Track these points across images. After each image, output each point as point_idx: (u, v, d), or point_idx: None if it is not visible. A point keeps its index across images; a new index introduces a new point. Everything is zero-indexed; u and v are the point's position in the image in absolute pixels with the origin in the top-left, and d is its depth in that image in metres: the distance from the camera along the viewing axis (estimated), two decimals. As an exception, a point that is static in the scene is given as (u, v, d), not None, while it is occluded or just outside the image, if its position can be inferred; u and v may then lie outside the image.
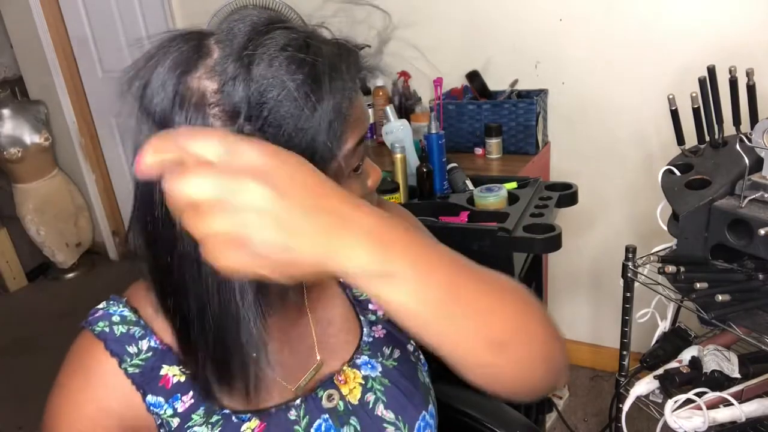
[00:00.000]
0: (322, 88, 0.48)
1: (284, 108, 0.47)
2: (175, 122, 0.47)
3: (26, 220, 3.13)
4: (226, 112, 0.47)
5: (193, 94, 0.47)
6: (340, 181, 0.53)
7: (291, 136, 0.48)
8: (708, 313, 1.05)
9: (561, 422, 1.91)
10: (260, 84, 0.46)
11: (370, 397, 0.67)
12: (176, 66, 0.47)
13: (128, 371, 0.59)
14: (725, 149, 1.24)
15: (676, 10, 1.64)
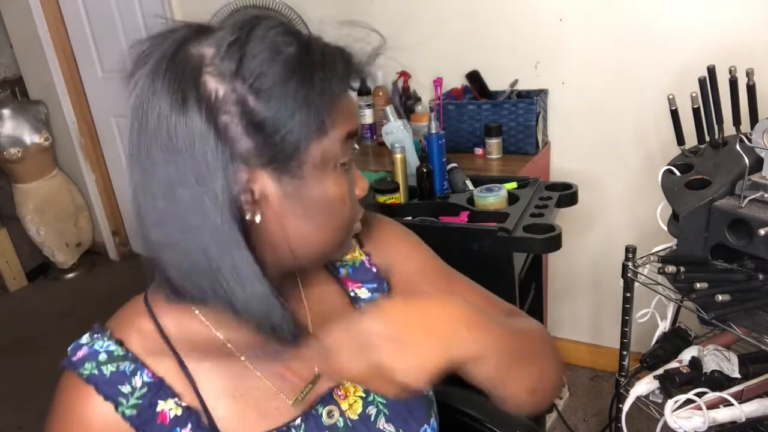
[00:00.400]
0: (315, 59, 0.52)
1: (275, 72, 0.50)
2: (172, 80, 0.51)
3: (26, 220, 3.13)
4: (220, 72, 0.51)
5: (193, 56, 0.51)
6: (328, 167, 0.55)
7: (282, 100, 0.50)
8: (708, 313, 1.05)
9: (561, 422, 1.91)
10: (255, 49, 0.50)
11: (372, 411, 0.66)
12: (180, 39, 0.52)
13: (126, 414, 0.57)
14: (725, 149, 1.24)
15: (676, 10, 1.64)
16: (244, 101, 0.50)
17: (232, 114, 0.51)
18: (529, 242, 1.27)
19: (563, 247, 1.28)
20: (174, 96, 0.50)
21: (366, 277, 0.74)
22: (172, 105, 0.50)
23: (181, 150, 0.50)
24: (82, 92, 3.18)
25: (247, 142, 0.51)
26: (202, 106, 0.50)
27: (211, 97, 0.50)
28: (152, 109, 0.51)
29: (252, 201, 0.53)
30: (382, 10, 2.05)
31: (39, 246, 3.19)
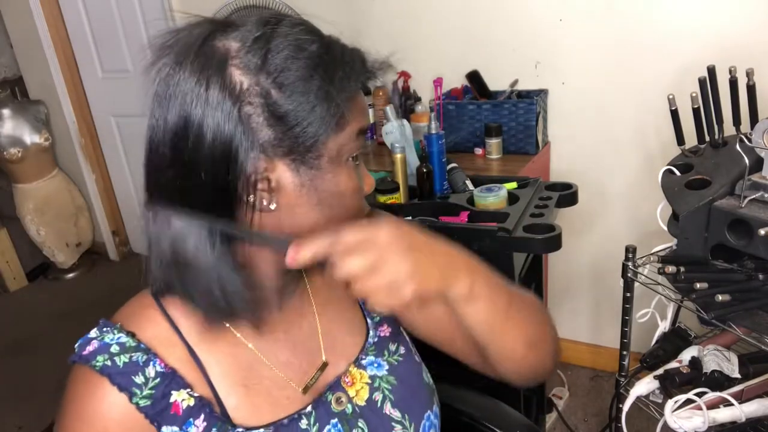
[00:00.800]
0: (332, 58, 0.55)
1: (298, 67, 0.53)
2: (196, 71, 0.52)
3: (26, 220, 3.13)
4: (246, 65, 0.53)
5: (219, 50, 0.53)
6: (342, 160, 0.58)
7: (303, 94, 0.53)
8: (708, 313, 1.05)
9: (561, 422, 1.91)
10: (279, 44, 0.53)
11: (378, 396, 0.68)
12: (205, 31, 0.54)
13: (140, 405, 0.57)
14: (725, 149, 1.24)
15: (676, 10, 1.64)
16: (267, 94, 0.53)
17: (255, 105, 0.53)
18: (529, 242, 1.27)
19: (563, 247, 1.28)
20: (199, 84, 0.52)
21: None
22: (196, 93, 0.52)
23: (205, 133, 0.52)
24: (82, 92, 3.17)
25: (268, 132, 0.53)
26: (226, 95, 0.52)
27: (236, 88, 0.52)
28: (175, 96, 0.53)
29: (268, 189, 0.55)
30: (383, 10, 2.05)
31: (39, 246, 3.19)
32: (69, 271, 3.29)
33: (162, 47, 0.54)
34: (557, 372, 2.13)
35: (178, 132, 0.53)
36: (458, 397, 0.93)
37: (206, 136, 0.52)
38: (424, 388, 0.73)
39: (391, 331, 0.75)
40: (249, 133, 0.52)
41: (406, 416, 0.68)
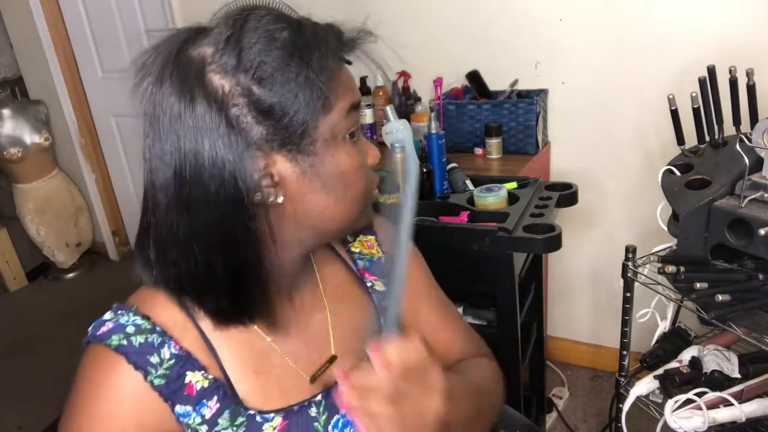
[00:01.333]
0: (307, 41, 0.54)
1: (273, 59, 0.53)
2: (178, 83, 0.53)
3: (26, 220, 3.13)
4: (222, 68, 0.53)
5: (195, 58, 0.53)
6: (338, 140, 0.58)
7: (284, 84, 0.53)
8: (708, 313, 1.05)
9: (561, 422, 1.91)
10: (251, 40, 0.53)
11: None
12: (179, 42, 0.54)
13: (155, 384, 0.57)
14: (725, 149, 1.24)
15: (676, 10, 1.64)
16: (249, 91, 0.53)
17: (241, 105, 0.53)
18: (529, 242, 1.27)
19: (563, 247, 1.28)
20: (182, 97, 0.52)
21: (382, 273, 0.78)
22: (181, 106, 0.52)
23: (197, 144, 0.53)
24: (82, 92, 3.17)
25: (259, 129, 0.54)
26: (211, 103, 0.52)
27: (218, 93, 0.52)
28: (163, 113, 0.53)
29: (272, 184, 0.56)
30: (382, 10, 2.05)
31: (39, 246, 3.19)
32: (69, 271, 3.29)
33: (143, 66, 0.55)
34: (557, 372, 2.14)
35: (173, 150, 0.53)
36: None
37: (202, 148, 0.52)
38: None
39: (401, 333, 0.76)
40: (241, 134, 0.53)
41: None
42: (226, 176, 0.53)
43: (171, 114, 0.53)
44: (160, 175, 0.55)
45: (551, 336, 2.21)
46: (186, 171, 0.53)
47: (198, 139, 0.52)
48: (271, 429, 0.61)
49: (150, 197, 0.56)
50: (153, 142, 0.54)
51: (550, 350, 2.20)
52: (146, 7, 2.71)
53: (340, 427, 0.65)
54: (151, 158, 0.55)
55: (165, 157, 0.54)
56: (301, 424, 0.63)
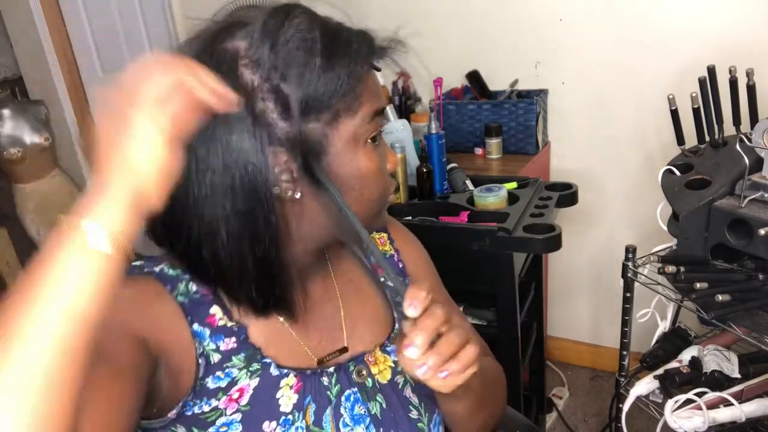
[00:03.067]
0: (339, 44, 0.56)
1: (303, 59, 0.53)
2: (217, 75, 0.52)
3: (26, 220, 3.12)
4: (254, 63, 0.54)
5: (228, 51, 0.54)
6: (360, 143, 0.59)
7: (312, 83, 0.54)
8: (708, 313, 1.05)
9: (561, 422, 1.91)
10: (285, 37, 0.54)
11: (399, 379, 0.70)
12: (213, 33, 0.56)
13: (178, 299, 0.60)
14: (725, 149, 1.24)
15: (676, 10, 1.64)
16: (277, 88, 0.54)
17: (268, 100, 0.54)
18: (529, 242, 1.27)
19: (563, 247, 1.28)
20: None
21: (393, 269, 0.78)
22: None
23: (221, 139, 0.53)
24: (82, 92, 3.17)
25: (284, 125, 0.54)
26: (241, 95, 0.52)
27: (248, 86, 0.53)
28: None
29: (292, 179, 0.56)
30: (382, 9, 2.05)
31: (39, 246, 3.18)
32: (69, 271, 3.29)
33: (179, 55, 0.54)
34: (557, 372, 2.14)
35: (203, 138, 0.53)
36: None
37: (229, 138, 0.53)
38: None
39: None
40: (266, 128, 0.54)
41: (423, 404, 0.70)
42: (249, 168, 0.53)
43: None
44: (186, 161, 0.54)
45: (551, 336, 2.21)
46: (210, 158, 0.54)
47: (226, 129, 0.53)
48: (288, 387, 0.62)
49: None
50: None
51: (550, 350, 2.20)
52: (146, 7, 2.71)
53: (353, 401, 0.66)
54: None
55: (191, 143, 0.53)
56: (315, 388, 0.64)
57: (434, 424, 0.71)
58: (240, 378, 0.60)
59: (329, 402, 0.64)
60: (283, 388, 0.62)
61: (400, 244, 0.82)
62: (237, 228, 0.55)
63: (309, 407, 0.63)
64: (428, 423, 0.70)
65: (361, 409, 0.66)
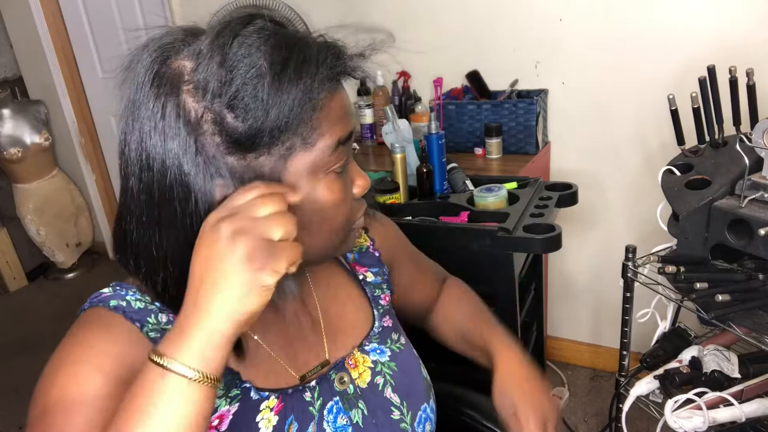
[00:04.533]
0: (291, 68, 0.49)
1: (250, 87, 0.49)
2: (152, 97, 0.50)
3: (26, 220, 3.12)
4: (196, 89, 0.50)
5: (172, 73, 0.51)
6: (319, 176, 0.54)
7: (259, 116, 0.49)
8: (708, 313, 1.05)
9: (561, 422, 1.91)
10: (231, 62, 0.49)
11: (380, 380, 0.70)
12: (161, 47, 0.52)
13: (150, 335, 0.57)
14: (725, 149, 1.24)
15: (676, 10, 1.64)
16: (221, 119, 0.50)
17: (211, 133, 0.50)
18: (529, 242, 1.27)
19: (563, 247, 1.28)
20: (156, 111, 0.50)
21: (370, 262, 0.79)
22: (155, 120, 0.50)
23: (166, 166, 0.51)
24: (82, 92, 3.17)
25: (230, 159, 0.51)
26: (180, 126, 0.50)
27: (191, 115, 0.50)
28: (137, 121, 0.52)
29: None
30: (382, 10, 2.05)
31: (39, 246, 3.19)
32: (69, 271, 3.29)
33: (127, 67, 0.53)
34: (557, 372, 2.14)
35: (144, 164, 0.52)
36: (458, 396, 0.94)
37: (170, 167, 0.50)
38: (422, 380, 0.75)
39: (393, 323, 0.77)
40: (210, 161, 0.50)
41: (405, 403, 0.70)
42: (192, 199, 0.51)
43: (143, 124, 0.51)
44: (132, 185, 0.53)
45: (551, 336, 2.21)
46: (154, 189, 0.51)
47: (166, 157, 0.50)
48: (268, 410, 0.61)
49: (125, 204, 0.55)
50: (127, 146, 0.53)
51: (550, 350, 2.20)
52: (146, 7, 2.71)
53: (335, 412, 0.65)
54: (123, 164, 0.54)
55: (135, 167, 0.52)
56: (297, 407, 0.63)
57: (419, 422, 0.71)
58: (220, 405, 0.59)
59: (312, 418, 0.63)
60: (263, 411, 0.60)
61: (374, 233, 0.82)
62: (182, 262, 0.51)
63: (291, 427, 0.61)
64: (411, 422, 0.70)
65: (344, 419, 0.65)
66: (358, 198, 0.61)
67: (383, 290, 0.79)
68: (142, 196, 0.52)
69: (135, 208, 0.53)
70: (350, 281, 0.77)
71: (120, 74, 0.53)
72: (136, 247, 0.55)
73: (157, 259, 0.53)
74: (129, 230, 0.54)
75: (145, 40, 0.53)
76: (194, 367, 0.44)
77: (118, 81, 0.53)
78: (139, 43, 0.54)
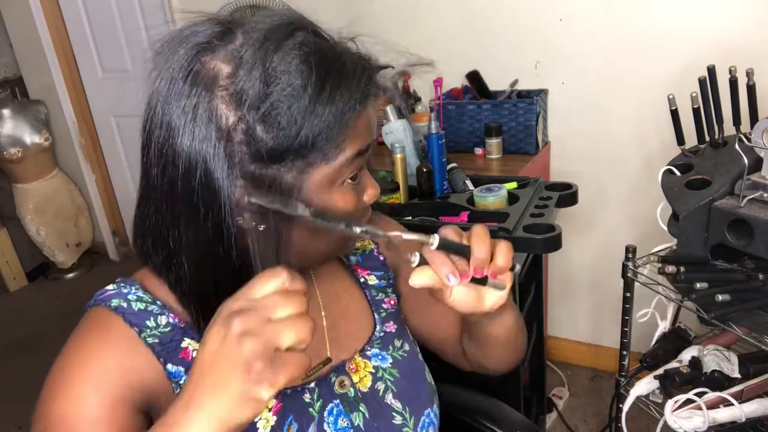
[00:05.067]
0: (327, 92, 0.50)
1: (286, 104, 0.49)
2: (184, 95, 0.51)
3: (26, 220, 3.12)
4: (232, 97, 0.50)
5: (207, 73, 0.51)
6: (334, 186, 0.55)
7: (290, 134, 0.50)
8: (708, 313, 1.05)
9: (561, 422, 1.91)
10: (270, 76, 0.49)
11: (380, 386, 0.69)
12: (198, 45, 0.51)
13: (147, 341, 0.58)
14: (725, 149, 1.24)
15: (676, 10, 1.64)
16: (252, 131, 0.50)
17: (241, 142, 0.51)
18: (529, 242, 1.27)
19: (563, 247, 1.28)
20: (187, 110, 0.51)
21: (374, 265, 0.79)
22: (185, 118, 0.51)
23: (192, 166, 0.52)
24: (82, 92, 3.17)
25: (254, 167, 0.52)
26: (212, 129, 0.50)
27: (222, 121, 0.51)
28: (165, 114, 0.52)
29: (258, 212, 0.54)
30: (382, 9, 2.05)
31: (39, 246, 3.19)
32: (69, 271, 3.29)
33: (158, 59, 0.53)
34: (557, 372, 2.14)
35: (167, 157, 0.52)
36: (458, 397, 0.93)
37: (196, 167, 0.51)
38: (426, 385, 0.74)
39: (397, 329, 0.76)
40: (235, 166, 0.51)
41: (407, 409, 0.69)
42: (216, 202, 0.52)
43: (172, 121, 0.51)
44: (155, 173, 0.54)
45: (551, 336, 2.21)
46: (178, 185, 0.52)
47: (194, 159, 0.51)
48: (267, 410, 0.61)
49: (146, 189, 0.56)
50: (152, 136, 0.53)
51: (550, 350, 2.20)
52: (146, 7, 2.71)
53: (336, 414, 0.65)
54: (146, 152, 0.54)
55: (160, 161, 0.53)
56: (296, 408, 0.63)
57: (422, 427, 0.70)
58: None
59: (312, 419, 0.63)
60: (262, 412, 0.61)
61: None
62: (198, 257, 0.54)
63: (290, 428, 0.62)
64: (414, 427, 0.69)
65: (345, 421, 0.65)
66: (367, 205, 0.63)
67: (387, 294, 0.78)
68: (165, 186, 0.53)
69: (156, 196, 0.55)
70: (353, 284, 0.77)
71: (150, 60, 0.53)
72: (156, 234, 0.56)
73: (174, 252, 0.55)
74: (149, 214, 0.56)
75: (181, 30, 0.53)
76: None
77: (148, 67, 0.53)
78: (173, 31, 0.53)
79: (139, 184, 0.57)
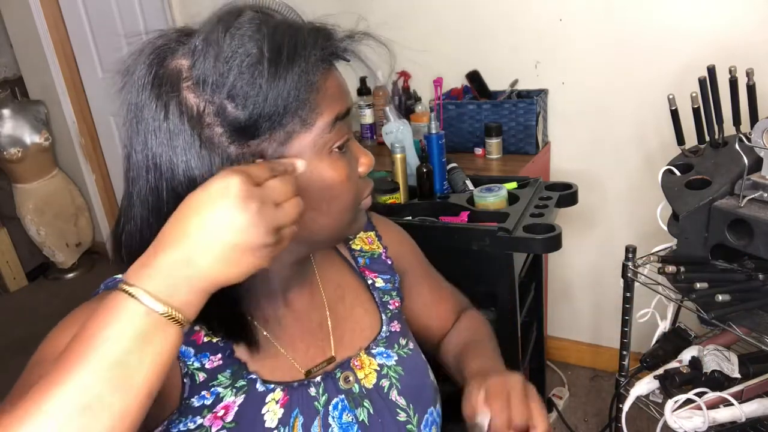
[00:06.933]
0: (285, 54, 0.51)
1: (248, 75, 0.50)
2: (154, 98, 0.52)
3: (26, 220, 3.13)
4: (197, 84, 0.51)
5: (171, 73, 0.52)
6: (322, 154, 0.56)
7: (259, 102, 0.51)
8: (708, 313, 1.05)
9: (561, 422, 1.91)
10: (226, 54, 0.50)
11: (385, 383, 0.70)
12: (158, 49, 0.53)
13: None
14: (725, 149, 1.24)
15: (676, 10, 1.64)
16: (223, 110, 0.51)
17: (214, 125, 0.52)
18: (529, 242, 1.27)
19: (563, 247, 1.28)
20: (159, 111, 0.51)
21: (382, 268, 0.80)
22: (158, 120, 0.52)
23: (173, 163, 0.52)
24: (82, 92, 3.17)
25: (234, 148, 0.53)
26: (185, 121, 0.51)
27: (193, 111, 0.51)
28: (142, 121, 0.53)
29: None
30: (383, 9, 2.05)
31: (39, 246, 3.19)
32: (69, 271, 3.29)
33: (125, 71, 0.54)
34: (557, 372, 2.14)
35: (150, 164, 0.53)
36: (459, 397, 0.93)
37: (177, 164, 0.52)
38: (429, 384, 0.75)
39: (401, 328, 0.77)
40: (216, 152, 0.52)
41: (411, 406, 0.70)
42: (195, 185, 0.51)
43: (148, 126, 0.52)
44: (138, 186, 0.54)
45: (551, 336, 2.21)
46: (162, 188, 0.52)
47: (173, 155, 0.52)
48: (274, 402, 0.61)
49: (128, 208, 0.55)
50: (132, 150, 0.54)
51: (550, 350, 2.20)
52: (146, 7, 2.71)
53: (341, 409, 0.66)
54: (129, 169, 0.55)
55: (142, 169, 0.53)
56: (302, 401, 0.63)
57: (425, 425, 0.71)
58: (225, 395, 0.59)
59: (317, 412, 0.64)
60: (269, 404, 0.61)
61: (388, 240, 0.83)
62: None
63: (297, 420, 0.62)
64: (418, 424, 0.70)
65: (349, 416, 0.66)
66: (364, 177, 0.63)
67: (392, 296, 0.79)
68: (150, 197, 0.53)
69: (140, 212, 0.54)
70: (360, 285, 0.77)
71: (119, 80, 0.54)
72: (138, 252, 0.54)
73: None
74: (131, 233, 0.55)
75: (140, 45, 0.54)
76: (161, 298, 0.43)
77: (118, 87, 0.54)
78: (134, 48, 0.55)
79: (120, 205, 0.57)
